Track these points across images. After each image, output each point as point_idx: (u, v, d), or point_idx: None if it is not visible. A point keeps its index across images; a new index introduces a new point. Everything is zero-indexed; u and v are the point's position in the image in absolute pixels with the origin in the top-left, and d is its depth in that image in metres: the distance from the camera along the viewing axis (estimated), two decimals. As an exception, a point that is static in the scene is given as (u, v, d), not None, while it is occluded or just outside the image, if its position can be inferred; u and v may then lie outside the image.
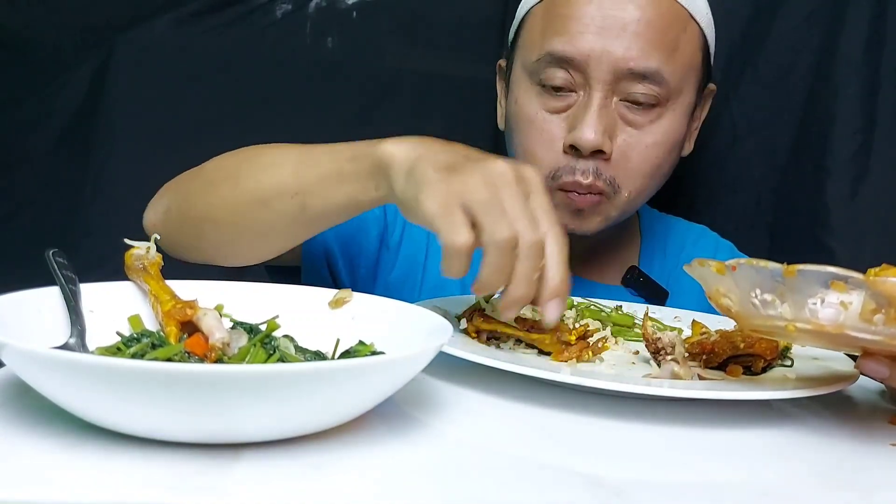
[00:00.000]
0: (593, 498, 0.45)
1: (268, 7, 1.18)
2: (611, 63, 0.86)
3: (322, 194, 0.71)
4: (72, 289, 0.60)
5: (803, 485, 0.51)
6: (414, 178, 0.62)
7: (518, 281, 0.58)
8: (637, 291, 1.01)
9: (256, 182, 0.75)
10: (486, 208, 0.58)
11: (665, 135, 0.90)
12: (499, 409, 0.60)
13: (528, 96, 0.91)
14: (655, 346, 0.68)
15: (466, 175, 0.59)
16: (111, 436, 0.46)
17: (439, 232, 0.59)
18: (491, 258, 0.58)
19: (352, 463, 0.47)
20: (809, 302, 0.53)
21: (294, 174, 0.72)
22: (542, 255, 0.59)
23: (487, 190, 0.58)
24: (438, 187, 0.59)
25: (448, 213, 0.58)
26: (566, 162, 0.89)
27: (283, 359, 0.57)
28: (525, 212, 0.59)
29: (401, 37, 1.22)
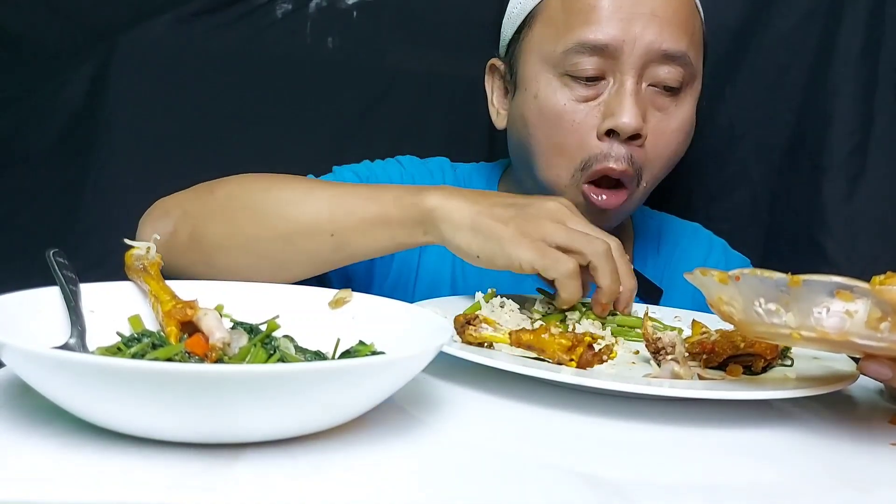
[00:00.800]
0: (593, 498, 0.45)
1: (268, 7, 1.18)
2: (644, 47, 0.87)
3: (364, 237, 0.76)
4: (72, 289, 0.60)
5: (803, 484, 0.51)
6: (484, 234, 0.72)
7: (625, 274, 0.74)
8: None
9: (283, 217, 0.78)
10: (571, 238, 0.71)
11: (686, 120, 0.93)
12: (499, 409, 0.60)
13: (551, 89, 0.90)
14: (655, 345, 0.68)
15: (534, 222, 0.72)
16: (111, 436, 0.46)
17: (546, 270, 0.71)
18: (604, 266, 0.72)
19: (352, 463, 0.47)
20: (815, 311, 0.53)
21: (329, 215, 0.76)
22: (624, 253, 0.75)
23: (559, 226, 0.72)
24: (521, 241, 0.71)
25: (545, 254, 0.70)
26: (600, 149, 0.89)
27: (283, 359, 0.57)
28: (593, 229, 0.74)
29: (401, 37, 1.22)
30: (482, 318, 0.70)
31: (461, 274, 0.99)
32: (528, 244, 0.70)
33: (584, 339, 0.66)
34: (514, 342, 0.67)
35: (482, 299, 0.79)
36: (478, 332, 0.68)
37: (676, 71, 0.89)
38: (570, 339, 0.65)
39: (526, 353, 0.67)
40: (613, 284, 0.73)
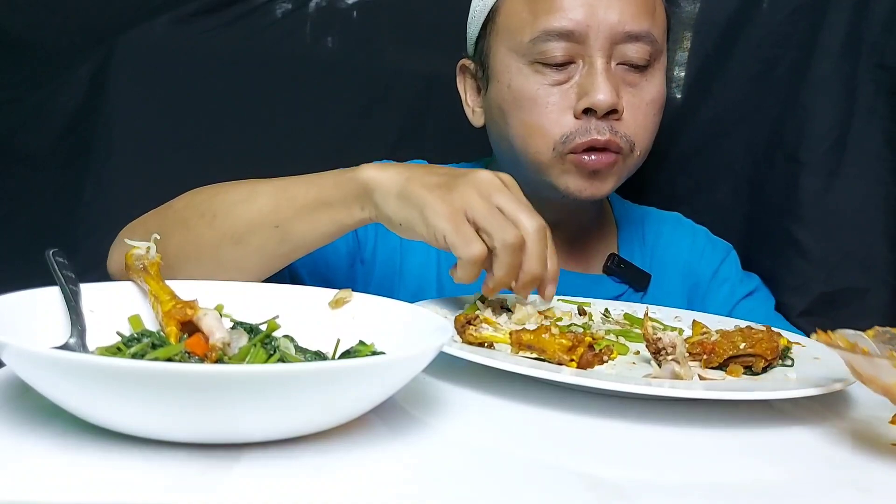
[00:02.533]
0: (593, 498, 0.45)
1: (268, 7, 1.18)
2: (608, 29, 0.89)
3: (305, 221, 0.76)
4: (72, 289, 0.60)
5: (803, 485, 0.51)
6: (410, 201, 0.70)
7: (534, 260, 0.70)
8: (619, 278, 1.02)
9: (231, 218, 0.78)
10: (488, 217, 0.68)
11: (657, 93, 0.94)
12: (499, 410, 0.60)
13: (523, 76, 0.92)
14: (656, 346, 0.68)
15: (461, 190, 0.69)
16: (111, 436, 0.46)
17: (454, 247, 0.68)
18: (504, 258, 0.69)
19: (352, 463, 0.47)
20: None
21: (273, 207, 0.77)
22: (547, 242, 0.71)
23: (483, 200, 0.69)
24: (441, 206, 0.68)
25: (458, 228, 0.68)
26: (578, 126, 0.90)
27: (283, 359, 0.57)
28: (520, 207, 0.70)
29: (400, 36, 1.22)
30: (482, 318, 0.70)
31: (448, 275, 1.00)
32: (448, 214, 0.68)
33: (584, 340, 0.66)
34: (515, 342, 0.67)
35: (478, 301, 0.79)
36: (478, 332, 0.68)
37: (643, 49, 0.91)
38: (571, 340, 0.65)
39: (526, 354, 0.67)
40: (505, 277, 0.70)
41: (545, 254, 0.71)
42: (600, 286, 1.01)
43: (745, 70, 1.16)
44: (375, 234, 0.99)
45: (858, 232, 1.06)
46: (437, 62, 1.20)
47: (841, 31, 1.07)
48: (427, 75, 1.22)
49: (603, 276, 1.03)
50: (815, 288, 1.06)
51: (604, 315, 0.87)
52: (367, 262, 0.98)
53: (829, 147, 1.07)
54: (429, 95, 1.22)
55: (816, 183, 1.07)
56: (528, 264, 0.70)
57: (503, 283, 0.71)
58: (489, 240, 0.68)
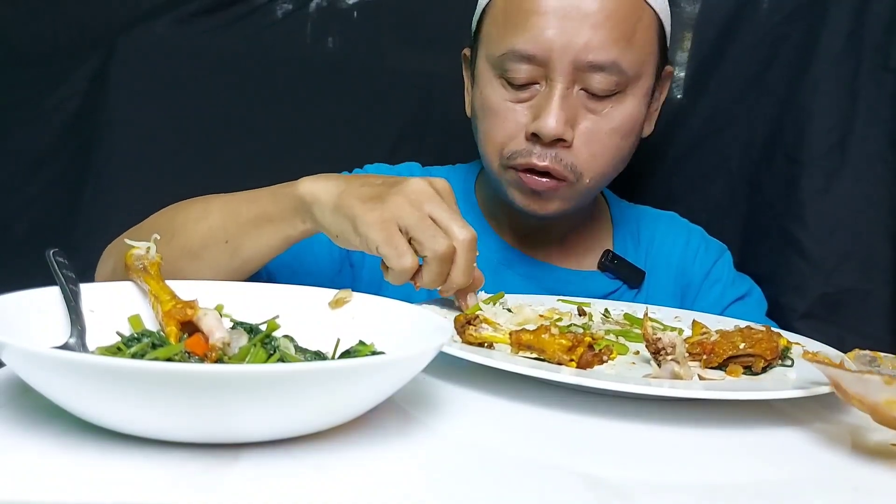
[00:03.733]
0: (593, 498, 0.45)
1: (268, 7, 1.18)
2: (571, 56, 0.88)
3: (251, 236, 0.79)
4: (72, 289, 0.60)
5: (803, 485, 0.51)
6: (343, 213, 0.72)
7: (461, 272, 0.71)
8: (614, 274, 1.03)
9: (188, 236, 0.81)
10: (419, 227, 0.69)
11: (624, 120, 0.93)
12: (499, 410, 0.60)
13: (491, 87, 0.93)
14: (656, 346, 0.68)
15: (392, 201, 0.70)
16: (111, 436, 0.46)
17: (386, 257, 0.70)
18: (433, 267, 0.70)
19: (352, 463, 0.47)
20: None
21: (222, 224, 0.80)
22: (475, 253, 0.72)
23: (414, 209, 0.70)
24: (372, 217, 0.69)
25: (390, 239, 0.69)
26: (524, 146, 0.91)
27: (283, 359, 0.57)
28: (453, 217, 0.71)
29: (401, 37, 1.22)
30: (482, 318, 0.70)
31: None
32: (379, 225, 0.69)
33: (584, 340, 0.66)
34: (514, 342, 0.67)
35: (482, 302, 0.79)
36: (478, 332, 0.68)
37: (607, 80, 0.89)
38: (570, 340, 0.65)
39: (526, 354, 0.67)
40: (432, 285, 0.72)
41: (472, 265, 0.72)
42: (594, 282, 1.02)
43: (743, 70, 1.16)
44: None
45: (859, 233, 1.06)
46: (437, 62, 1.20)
47: (842, 33, 1.07)
48: (427, 75, 1.22)
49: (597, 273, 1.03)
50: (816, 289, 1.07)
51: (603, 315, 0.87)
52: (356, 264, 0.99)
53: (830, 148, 1.07)
54: (429, 95, 1.22)
55: (817, 184, 1.07)
56: (455, 275, 0.71)
57: (433, 286, 0.73)
58: (420, 248, 0.70)
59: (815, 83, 1.08)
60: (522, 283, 0.99)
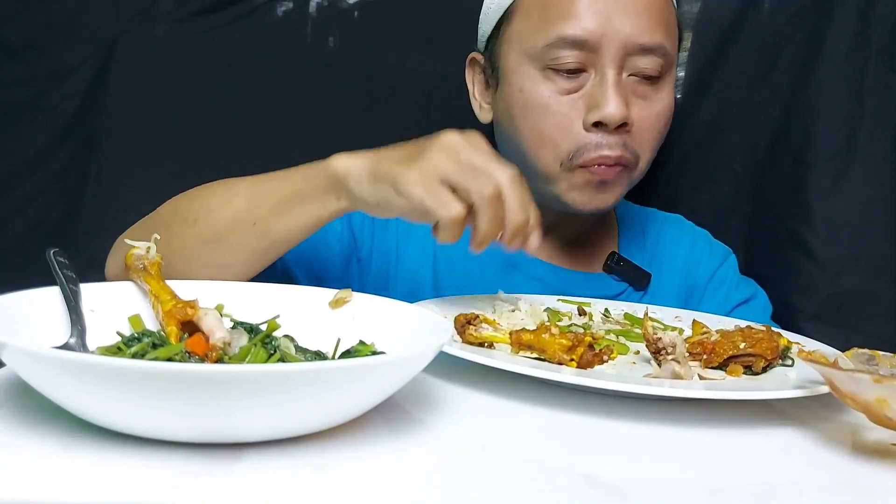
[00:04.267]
0: (593, 498, 0.45)
1: (269, 6, 1.18)
2: (622, 40, 0.88)
3: (281, 217, 0.76)
4: (72, 288, 0.60)
5: (803, 485, 0.51)
6: (381, 178, 0.69)
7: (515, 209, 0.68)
8: (620, 276, 1.02)
9: (213, 219, 0.78)
10: (460, 174, 0.67)
11: (666, 106, 0.94)
12: (499, 409, 0.60)
13: (534, 82, 0.91)
14: (656, 346, 0.68)
15: (428, 156, 0.68)
16: (111, 436, 0.46)
17: (432, 210, 0.67)
18: (486, 212, 0.68)
19: (352, 463, 0.47)
20: None
21: (249, 205, 0.77)
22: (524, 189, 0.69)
23: (453, 160, 0.68)
24: (412, 175, 0.67)
25: (433, 191, 0.66)
26: (589, 139, 0.90)
27: (283, 359, 0.57)
28: (492, 160, 0.68)
29: (402, 36, 1.22)
30: (482, 318, 0.70)
31: (445, 271, 0.99)
32: (420, 180, 0.67)
33: (584, 340, 0.66)
34: (514, 342, 0.67)
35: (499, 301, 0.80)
36: (478, 332, 0.68)
37: (655, 61, 0.90)
38: (571, 340, 0.65)
39: (526, 354, 0.67)
40: (490, 229, 0.69)
41: (525, 199, 0.69)
42: (600, 284, 1.01)
43: (746, 71, 1.16)
44: (372, 232, 0.99)
45: (866, 234, 1.06)
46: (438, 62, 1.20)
47: (848, 34, 1.07)
48: (428, 75, 1.21)
49: (603, 275, 1.03)
50: (823, 290, 1.06)
51: (604, 315, 0.87)
52: (364, 260, 0.98)
53: (837, 149, 1.07)
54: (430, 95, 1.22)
55: (824, 185, 1.07)
56: (510, 214, 0.68)
57: (490, 236, 0.69)
58: (467, 196, 0.67)
59: (820, 84, 1.08)
60: (529, 285, 0.98)
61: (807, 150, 1.08)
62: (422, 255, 0.99)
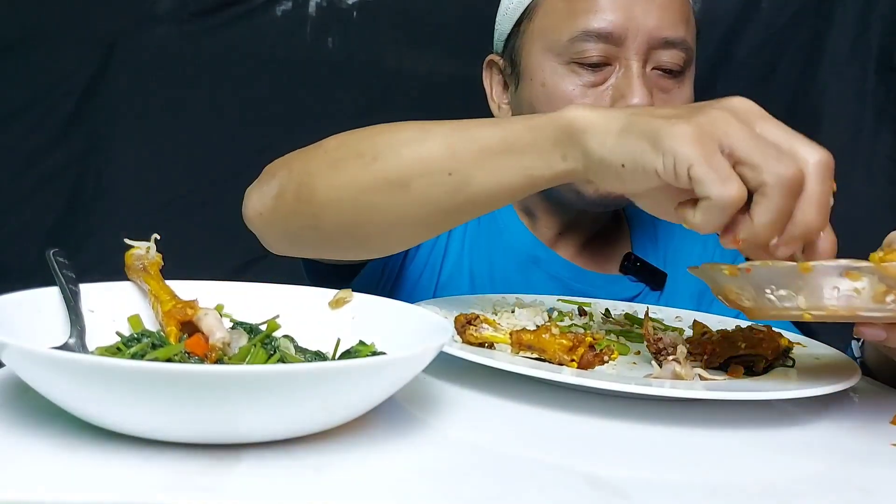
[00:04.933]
0: (594, 498, 0.45)
1: (268, 7, 1.19)
2: (646, 34, 0.89)
3: (488, 171, 0.63)
4: (72, 289, 0.60)
5: (804, 485, 0.51)
6: (637, 133, 0.55)
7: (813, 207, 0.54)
8: (636, 277, 1.02)
9: (396, 160, 0.67)
10: (753, 145, 0.52)
11: (690, 98, 0.95)
12: (499, 410, 0.60)
13: (558, 76, 0.92)
14: (657, 346, 0.68)
15: (711, 114, 0.53)
16: (111, 436, 0.46)
17: (702, 181, 0.52)
18: (774, 199, 0.52)
19: (353, 463, 0.47)
20: (825, 292, 0.55)
21: (447, 150, 0.64)
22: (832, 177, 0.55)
23: (744, 126, 0.53)
24: (684, 129, 0.52)
25: (710, 155, 0.52)
26: None
27: (283, 359, 0.57)
28: (796, 136, 0.54)
29: (401, 36, 1.22)
30: (482, 318, 0.70)
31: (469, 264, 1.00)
32: (696, 138, 0.52)
33: (584, 340, 0.65)
34: (515, 342, 0.67)
35: None
36: (478, 333, 0.68)
37: (677, 55, 0.91)
38: (571, 340, 0.65)
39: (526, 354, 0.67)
40: (769, 226, 0.53)
41: (828, 199, 0.54)
42: (618, 286, 1.01)
43: (748, 72, 1.16)
44: None
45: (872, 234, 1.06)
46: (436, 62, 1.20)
47: (848, 36, 1.07)
48: (427, 75, 1.22)
49: (620, 276, 1.03)
50: None
51: (604, 315, 0.87)
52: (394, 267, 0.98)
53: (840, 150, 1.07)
54: (429, 95, 1.22)
55: None
56: (804, 212, 0.53)
57: (764, 236, 0.54)
58: (755, 175, 0.52)
59: (823, 86, 1.08)
60: (549, 284, 0.98)
61: None
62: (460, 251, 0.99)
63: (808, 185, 0.53)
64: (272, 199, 0.74)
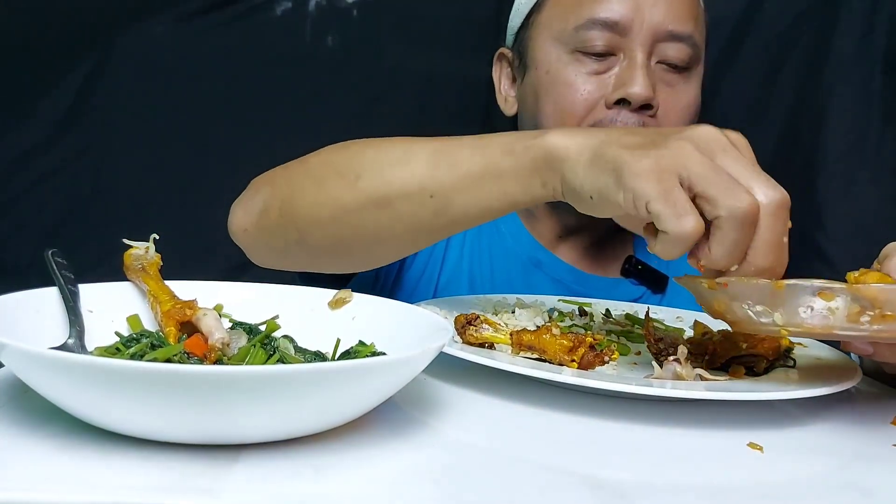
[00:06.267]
0: (594, 498, 0.45)
1: (268, 6, 1.18)
2: (652, 26, 0.89)
3: (469, 195, 0.65)
4: (71, 289, 0.60)
5: (804, 485, 0.51)
6: (603, 163, 0.57)
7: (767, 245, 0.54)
8: (637, 280, 1.02)
9: (378, 180, 0.68)
10: (711, 178, 0.53)
11: (693, 99, 0.95)
12: (499, 410, 0.60)
13: (562, 63, 0.93)
14: (657, 346, 0.68)
15: (673, 146, 0.54)
16: (111, 436, 0.46)
17: (660, 217, 0.54)
18: (729, 234, 0.53)
19: (352, 464, 0.47)
20: (800, 310, 0.55)
21: (430, 172, 0.66)
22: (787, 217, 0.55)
23: (704, 158, 0.54)
24: (645, 164, 0.54)
25: (667, 193, 0.53)
26: (607, 115, 0.90)
27: (282, 359, 0.57)
28: (756, 172, 0.55)
29: (400, 35, 1.22)
30: (483, 319, 0.70)
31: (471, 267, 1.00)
32: (654, 175, 0.54)
33: (585, 340, 0.65)
34: (515, 343, 0.66)
35: None
36: (478, 333, 0.68)
37: (684, 50, 0.91)
38: (572, 340, 0.65)
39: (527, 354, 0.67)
40: (724, 259, 0.55)
41: (781, 238, 0.55)
42: (619, 289, 1.01)
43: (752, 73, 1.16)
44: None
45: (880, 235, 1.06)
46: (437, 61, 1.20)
47: (853, 36, 1.07)
48: (427, 74, 1.22)
49: (621, 279, 1.03)
50: None
51: (605, 315, 0.86)
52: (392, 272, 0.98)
53: (847, 151, 1.07)
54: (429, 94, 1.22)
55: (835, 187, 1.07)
56: (756, 253, 0.54)
57: (722, 265, 0.55)
58: (712, 207, 0.53)
59: (829, 86, 1.08)
60: (551, 286, 0.98)
61: (816, 153, 1.08)
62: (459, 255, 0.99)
63: (761, 227, 0.54)
64: (257, 215, 0.75)
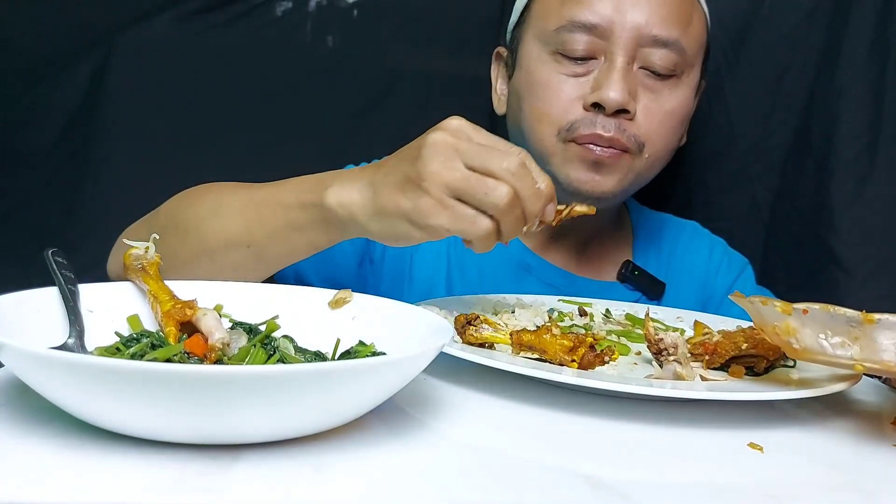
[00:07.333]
0: (594, 498, 0.45)
1: (268, 5, 1.18)
2: (634, 29, 0.88)
3: (280, 245, 0.72)
4: (71, 289, 0.60)
5: (805, 486, 0.51)
6: (391, 216, 0.65)
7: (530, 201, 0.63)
8: (633, 285, 1.01)
9: (203, 235, 0.75)
10: (467, 189, 0.62)
11: (680, 105, 0.93)
12: (500, 410, 0.60)
13: (541, 62, 0.92)
14: (658, 346, 0.67)
15: (427, 172, 0.62)
16: (111, 436, 0.46)
17: (463, 234, 0.63)
18: (506, 220, 0.63)
19: (352, 464, 0.47)
20: (883, 345, 0.55)
21: (243, 227, 0.73)
22: (530, 172, 0.64)
23: (452, 170, 0.62)
24: (423, 205, 0.62)
25: (454, 215, 0.62)
26: (585, 116, 0.89)
27: (282, 359, 0.57)
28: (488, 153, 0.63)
29: (401, 35, 1.22)
30: (483, 319, 0.70)
31: (458, 274, 0.99)
32: (436, 209, 0.62)
33: (585, 340, 0.65)
34: (515, 343, 0.66)
35: None
36: (478, 333, 0.68)
37: (668, 57, 0.90)
38: (572, 340, 0.65)
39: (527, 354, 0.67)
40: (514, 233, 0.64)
41: (535, 186, 0.64)
42: (613, 293, 1.00)
43: (757, 74, 1.15)
44: None
45: (894, 238, 1.05)
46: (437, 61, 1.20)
47: (865, 37, 1.06)
48: (427, 75, 1.21)
49: (616, 284, 1.02)
50: (852, 296, 1.05)
51: (605, 315, 0.86)
52: (377, 262, 0.97)
53: (859, 153, 1.06)
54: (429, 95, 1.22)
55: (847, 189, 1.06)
56: (528, 205, 0.64)
57: (516, 234, 0.65)
58: (482, 207, 0.63)
59: (840, 88, 1.07)
60: (541, 290, 0.98)
61: (829, 155, 1.07)
62: (436, 256, 0.98)
63: (519, 189, 0.62)
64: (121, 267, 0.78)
